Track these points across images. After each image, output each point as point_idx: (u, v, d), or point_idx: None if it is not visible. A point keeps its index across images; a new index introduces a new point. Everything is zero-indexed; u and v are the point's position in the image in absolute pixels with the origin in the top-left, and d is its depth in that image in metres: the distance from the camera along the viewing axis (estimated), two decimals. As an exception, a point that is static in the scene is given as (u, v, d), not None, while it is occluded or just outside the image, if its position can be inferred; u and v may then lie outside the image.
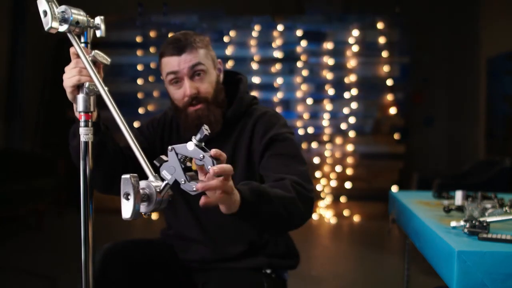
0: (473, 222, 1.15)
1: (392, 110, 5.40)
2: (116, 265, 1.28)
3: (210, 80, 1.33)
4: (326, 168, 5.41)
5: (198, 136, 0.85)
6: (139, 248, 1.39)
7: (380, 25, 5.39)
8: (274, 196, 1.07)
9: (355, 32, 5.41)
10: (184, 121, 1.34)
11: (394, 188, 5.19)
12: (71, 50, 1.03)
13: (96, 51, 0.99)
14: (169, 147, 0.87)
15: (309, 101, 5.45)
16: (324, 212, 5.32)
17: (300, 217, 1.17)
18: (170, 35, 1.41)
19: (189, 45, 1.30)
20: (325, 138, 5.43)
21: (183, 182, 0.85)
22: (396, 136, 5.40)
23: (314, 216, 5.26)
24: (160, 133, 1.46)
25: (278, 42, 5.47)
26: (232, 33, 5.48)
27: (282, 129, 1.33)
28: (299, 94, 5.46)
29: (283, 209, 1.09)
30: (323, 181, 5.37)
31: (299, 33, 5.46)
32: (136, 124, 5.28)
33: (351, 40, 5.42)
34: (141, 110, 5.51)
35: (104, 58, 1.00)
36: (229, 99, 1.40)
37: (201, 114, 1.31)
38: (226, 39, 5.47)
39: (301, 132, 5.40)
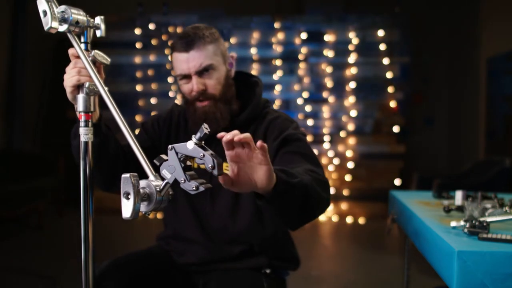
0: (473, 222, 1.15)
1: (392, 110, 5.40)
2: (113, 283, 1.27)
3: (219, 76, 1.33)
4: (326, 168, 5.41)
5: (198, 135, 0.85)
6: (135, 261, 1.38)
7: (380, 25, 5.39)
8: (297, 175, 1.04)
9: (355, 32, 5.41)
10: (192, 115, 1.35)
11: (394, 188, 5.19)
12: (70, 51, 1.03)
13: (95, 51, 0.99)
14: (169, 146, 0.86)
15: (309, 101, 5.45)
16: (324, 212, 5.31)
17: (323, 201, 1.13)
18: (173, 29, 1.40)
19: (197, 41, 1.29)
20: (325, 138, 5.43)
21: (182, 181, 0.85)
22: (396, 136, 5.41)
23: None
24: (166, 131, 1.44)
25: (278, 42, 5.47)
26: (232, 33, 5.48)
27: (295, 131, 1.32)
28: (299, 94, 5.46)
29: (307, 188, 1.04)
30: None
31: (299, 33, 5.46)
32: (137, 122, 5.28)
33: (351, 40, 5.42)
34: (140, 110, 5.51)
35: (104, 58, 1.00)
36: (242, 101, 1.40)
37: (208, 111, 1.32)
38: (226, 39, 5.48)
39: (301, 132, 5.40)
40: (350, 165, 5.41)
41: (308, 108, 5.45)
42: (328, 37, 5.45)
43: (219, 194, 1.36)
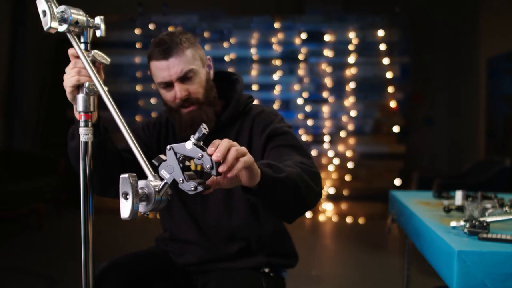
0: (473, 222, 1.15)
1: (392, 110, 5.41)
2: (113, 284, 1.27)
3: (200, 80, 1.33)
4: (326, 168, 5.41)
5: (197, 135, 0.85)
6: (134, 261, 1.38)
7: (380, 25, 5.39)
8: (285, 168, 1.05)
9: (355, 32, 5.41)
10: (178, 122, 1.35)
11: (394, 188, 5.19)
12: (69, 51, 1.03)
13: (95, 51, 0.99)
14: (168, 146, 0.86)
15: (309, 101, 5.45)
16: (324, 212, 5.32)
17: (314, 193, 1.13)
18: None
19: (175, 48, 1.28)
20: (325, 138, 5.43)
21: (181, 181, 0.85)
22: (396, 136, 5.41)
23: (315, 216, 5.26)
24: (156, 136, 1.46)
25: (278, 42, 5.47)
26: (232, 33, 5.48)
27: (280, 124, 1.33)
28: (299, 94, 5.46)
29: (296, 181, 1.05)
30: (323, 181, 5.37)
31: (299, 33, 5.46)
32: (137, 122, 5.28)
33: (351, 40, 5.42)
34: (140, 110, 5.51)
35: (103, 58, 1.00)
36: (225, 100, 1.41)
37: (194, 115, 1.32)
38: (226, 39, 5.48)
39: (301, 132, 5.41)
40: (350, 165, 5.41)
41: (308, 108, 5.45)
42: (328, 37, 5.45)
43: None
